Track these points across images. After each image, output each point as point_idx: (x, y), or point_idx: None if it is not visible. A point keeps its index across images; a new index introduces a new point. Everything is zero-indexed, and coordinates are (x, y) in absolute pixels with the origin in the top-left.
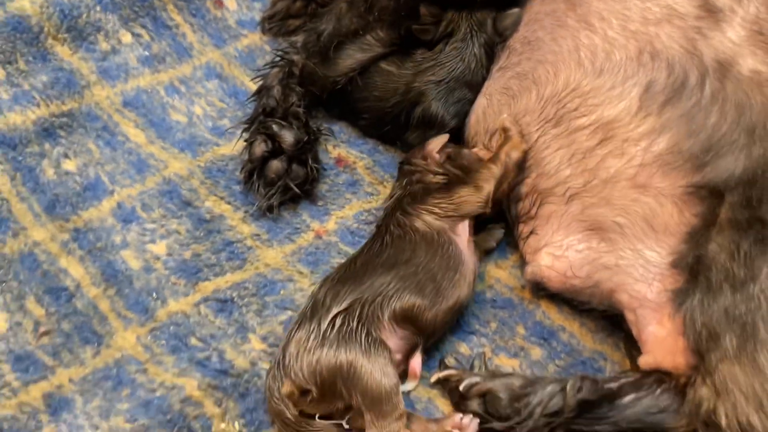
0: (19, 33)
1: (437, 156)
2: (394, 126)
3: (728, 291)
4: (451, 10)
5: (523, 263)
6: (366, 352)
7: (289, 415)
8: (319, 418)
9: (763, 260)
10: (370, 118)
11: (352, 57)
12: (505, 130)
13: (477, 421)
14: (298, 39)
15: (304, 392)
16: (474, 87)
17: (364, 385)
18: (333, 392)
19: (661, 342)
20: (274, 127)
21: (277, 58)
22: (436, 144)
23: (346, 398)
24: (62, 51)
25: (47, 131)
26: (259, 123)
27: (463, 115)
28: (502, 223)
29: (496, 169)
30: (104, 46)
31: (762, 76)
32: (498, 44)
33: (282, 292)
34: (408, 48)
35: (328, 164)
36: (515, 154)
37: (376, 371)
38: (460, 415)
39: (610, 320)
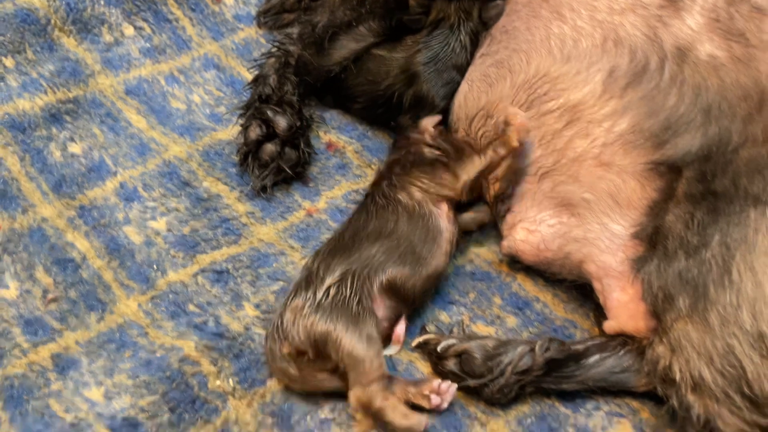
0: (28, 25)
1: (432, 130)
2: (387, 108)
3: (682, 256)
4: (439, 1)
5: (501, 239)
6: (354, 319)
7: (292, 371)
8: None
9: (714, 228)
10: (364, 101)
11: (345, 47)
12: (506, 123)
13: (454, 386)
14: (294, 31)
15: (300, 353)
16: (461, 69)
17: (349, 349)
18: (325, 353)
19: (624, 307)
20: (269, 113)
21: (274, 49)
22: (431, 121)
23: (334, 359)
24: (68, 42)
25: (54, 116)
26: (254, 109)
27: (451, 97)
28: (486, 206)
29: (479, 163)
30: (108, 37)
31: (718, 60)
32: (482, 32)
33: (274, 264)
34: (399, 36)
35: (319, 149)
36: (502, 151)
37: (362, 337)
38: (439, 380)
39: (581, 292)
